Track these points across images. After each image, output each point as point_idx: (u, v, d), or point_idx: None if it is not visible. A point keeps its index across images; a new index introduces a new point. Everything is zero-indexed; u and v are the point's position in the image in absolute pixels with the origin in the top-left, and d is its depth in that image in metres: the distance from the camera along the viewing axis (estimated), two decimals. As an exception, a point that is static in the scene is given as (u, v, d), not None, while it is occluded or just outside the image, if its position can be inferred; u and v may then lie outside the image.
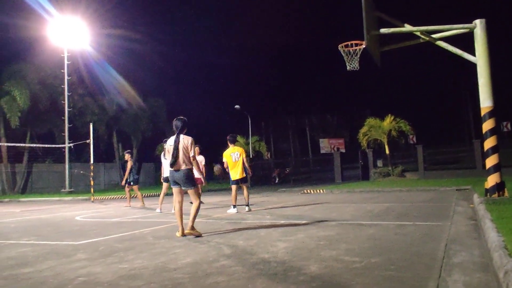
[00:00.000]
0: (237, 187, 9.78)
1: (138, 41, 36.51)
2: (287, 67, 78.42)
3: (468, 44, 9.58)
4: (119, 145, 34.66)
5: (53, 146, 25.26)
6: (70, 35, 25.20)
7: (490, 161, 9.16)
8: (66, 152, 25.10)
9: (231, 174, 9.77)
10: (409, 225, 6.37)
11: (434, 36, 9.96)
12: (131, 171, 12.88)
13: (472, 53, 9.45)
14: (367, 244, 4.86)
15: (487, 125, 9.20)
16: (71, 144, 24.13)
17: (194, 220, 5.98)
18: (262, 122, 58.54)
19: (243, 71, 75.15)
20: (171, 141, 6.06)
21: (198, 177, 7.50)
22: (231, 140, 9.86)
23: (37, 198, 21.04)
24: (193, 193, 6.03)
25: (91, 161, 19.02)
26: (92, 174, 18.62)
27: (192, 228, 5.90)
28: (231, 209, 9.56)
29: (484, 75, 9.21)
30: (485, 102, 9.22)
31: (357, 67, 10.16)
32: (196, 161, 6.22)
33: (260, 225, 6.95)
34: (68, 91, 25.60)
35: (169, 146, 6.06)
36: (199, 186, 9.06)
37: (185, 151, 5.97)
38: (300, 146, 63.09)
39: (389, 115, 26.95)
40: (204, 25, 74.66)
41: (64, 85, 25.48)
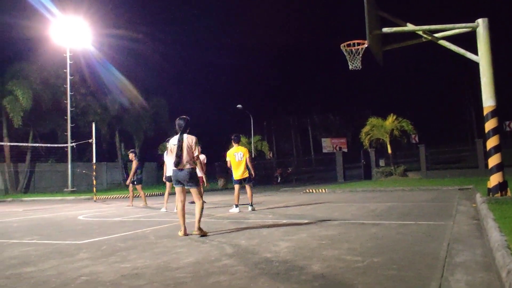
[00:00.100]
0: (240, 187, 9.79)
1: (140, 41, 36.51)
2: (289, 67, 78.38)
3: (470, 44, 9.57)
4: (122, 145, 34.72)
5: (56, 146, 25.32)
6: (73, 35, 25.28)
7: (493, 161, 9.15)
8: (69, 152, 25.20)
9: (234, 174, 9.79)
10: (412, 225, 6.36)
11: (437, 35, 9.95)
12: (136, 171, 12.85)
13: (475, 53, 9.43)
14: (369, 244, 4.85)
15: (490, 125, 9.19)
16: (74, 144, 24.17)
17: (200, 220, 5.98)
18: (264, 122, 58.59)
19: (245, 71, 75.14)
20: (174, 141, 6.06)
21: (200, 176, 7.51)
22: (235, 140, 9.87)
23: (40, 198, 21.09)
24: (196, 192, 6.03)
25: (94, 161, 19.07)
26: (95, 174, 18.66)
27: (199, 229, 5.90)
28: (233, 209, 9.57)
29: (487, 75, 9.20)
30: (488, 102, 9.20)
31: (360, 67, 10.16)
32: (200, 160, 6.23)
33: (262, 225, 6.95)
34: (71, 91, 25.68)
35: (173, 146, 6.05)
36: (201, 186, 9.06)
37: (189, 150, 5.97)
38: (302, 146, 63.03)
39: (392, 115, 26.91)
40: (206, 25, 74.71)
41: (67, 85, 25.55)
